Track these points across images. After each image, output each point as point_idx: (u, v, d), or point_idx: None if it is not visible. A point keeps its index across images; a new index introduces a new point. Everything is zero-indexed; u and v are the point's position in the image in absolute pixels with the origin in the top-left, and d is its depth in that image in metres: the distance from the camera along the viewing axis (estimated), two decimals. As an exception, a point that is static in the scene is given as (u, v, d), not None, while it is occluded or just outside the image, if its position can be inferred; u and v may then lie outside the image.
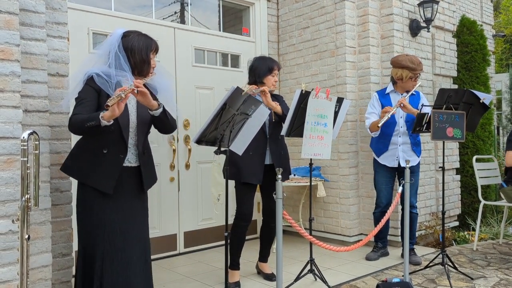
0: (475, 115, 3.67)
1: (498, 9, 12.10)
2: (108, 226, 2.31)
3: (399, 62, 3.76)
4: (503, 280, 3.41)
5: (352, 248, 2.67)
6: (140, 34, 2.43)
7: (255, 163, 3.25)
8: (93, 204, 2.32)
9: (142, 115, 2.42)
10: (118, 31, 2.41)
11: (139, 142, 2.42)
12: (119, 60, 2.33)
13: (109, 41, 2.38)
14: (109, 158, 2.31)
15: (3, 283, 2.09)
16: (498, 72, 9.09)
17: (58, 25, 2.51)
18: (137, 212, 2.43)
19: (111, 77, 2.30)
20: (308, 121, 3.13)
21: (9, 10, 2.13)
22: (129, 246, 2.36)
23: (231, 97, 2.48)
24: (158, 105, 2.38)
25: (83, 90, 2.31)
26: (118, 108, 2.13)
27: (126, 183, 2.39)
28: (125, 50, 2.35)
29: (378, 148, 3.94)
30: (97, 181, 2.30)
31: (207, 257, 4.18)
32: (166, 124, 2.50)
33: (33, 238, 2.27)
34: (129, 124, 2.36)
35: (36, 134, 2.01)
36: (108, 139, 2.30)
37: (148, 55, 2.41)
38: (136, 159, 2.42)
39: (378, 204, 3.98)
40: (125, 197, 2.39)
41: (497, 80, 7.83)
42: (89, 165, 2.31)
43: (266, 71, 3.30)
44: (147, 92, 2.26)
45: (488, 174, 4.57)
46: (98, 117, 2.13)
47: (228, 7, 4.92)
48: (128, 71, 2.35)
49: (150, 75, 2.42)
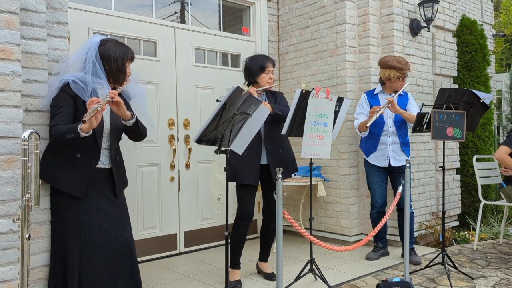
0: (476, 115, 3.67)
1: (498, 9, 12.09)
2: (86, 226, 2.31)
3: (386, 62, 3.81)
4: (503, 280, 3.41)
5: (352, 247, 2.67)
6: (117, 42, 2.47)
7: (250, 164, 3.25)
8: (68, 207, 2.32)
9: (116, 121, 2.47)
10: (95, 38, 2.45)
11: (112, 147, 2.46)
12: (95, 67, 2.37)
13: (85, 47, 2.42)
14: (81, 162, 2.34)
15: (3, 282, 2.09)
16: (498, 72, 9.09)
17: (59, 25, 2.51)
18: (115, 213, 2.44)
19: (87, 84, 2.34)
20: (308, 120, 3.14)
21: (10, 10, 2.13)
22: (110, 244, 2.36)
23: (231, 96, 2.48)
24: (131, 115, 2.43)
25: (59, 98, 2.32)
26: (95, 120, 2.18)
27: (101, 184, 2.41)
28: (102, 58, 2.39)
29: (367, 148, 3.96)
30: (67, 185, 2.30)
31: (208, 256, 4.18)
32: (136, 134, 2.57)
33: (33, 238, 2.27)
34: (103, 130, 2.40)
35: (36, 134, 2.01)
36: (81, 143, 2.30)
37: (124, 64, 2.45)
38: (109, 162, 2.46)
39: (373, 204, 3.98)
40: (102, 198, 2.40)
41: (497, 80, 7.83)
42: (61, 169, 2.32)
43: (258, 70, 3.30)
44: (121, 103, 2.32)
45: (488, 174, 4.57)
46: (76, 129, 2.16)
47: (228, 6, 4.91)
48: (103, 79, 2.40)
49: (125, 83, 2.46)
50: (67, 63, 2.43)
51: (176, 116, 4.25)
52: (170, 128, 4.20)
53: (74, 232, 2.30)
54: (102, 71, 2.39)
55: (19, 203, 1.94)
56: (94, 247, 2.32)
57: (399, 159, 3.85)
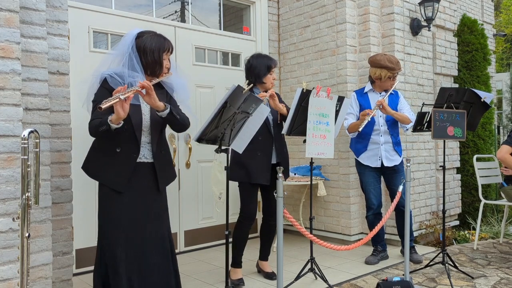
0: (476, 114, 3.67)
1: (499, 8, 12.09)
2: (126, 223, 2.34)
3: (377, 61, 3.71)
4: (504, 279, 3.40)
5: (352, 247, 2.67)
6: (154, 34, 2.44)
7: (264, 164, 3.25)
8: (110, 202, 2.36)
9: (156, 114, 2.43)
10: (133, 31, 2.43)
11: (153, 141, 2.44)
12: (132, 60, 2.36)
13: (123, 41, 2.41)
14: (122, 156, 2.36)
15: (3, 281, 2.09)
16: (499, 71, 9.09)
17: (59, 23, 2.51)
18: (154, 208, 2.45)
19: (124, 77, 2.33)
20: (310, 120, 3.13)
21: (10, 8, 2.13)
22: (146, 239, 2.38)
23: (231, 95, 2.47)
24: (165, 105, 2.38)
25: (98, 93, 2.35)
26: (123, 110, 2.15)
27: (143, 179, 2.42)
28: (138, 50, 2.38)
29: (357, 149, 3.89)
30: (109, 180, 2.35)
31: (208, 256, 4.18)
32: (175, 124, 2.51)
33: (33, 236, 2.27)
34: (141, 123, 2.39)
35: (36, 132, 2.01)
36: (121, 138, 2.33)
37: (161, 56, 2.42)
38: (151, 156, 2.44)
39: (369, 206, 3.89)
40: (143, 193, 2.41)
41: (497, 79, 7.82)
42: (103, 164, 2.37)
43: (266, 71, 3.27)
44: (152, 93, 2.27)
45: (489, 173, 4.57)
46: (107, 121, 2.19)
47: (228, 5, 4.91)
48: (140, 72, 2.37)
49: (164, 75, 2.45)
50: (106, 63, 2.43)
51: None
52: (170, 127, 4.19)
53: (115, 227, 2.34)
54: (139, 63, 2.37)
55: (19, 201, 1.94)
56: (133, 242, 2.34)
57: (391, 159, 3.79)
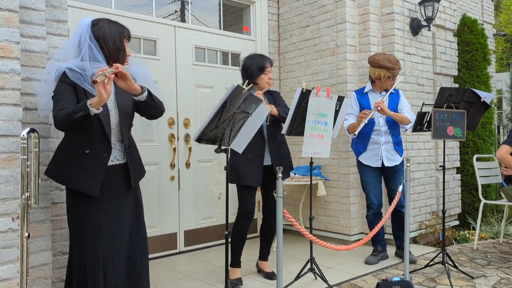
0: (476, 114, 3.66)
1: (499, 8, 12.09)
2: (104, 228, 2.20)
3: (376, 61, 3.70)
4: (504, 279, 3.40)
5: (352, 247, 2.67)
6: (110, 21, 2.27)
7: (254, 166, 3.24)
8: (85, 208, 2.19)
9: (124, 107, 2.28)
10: (85, 20, 2.23)
11: (124, 137, 2.28)
12: (92, 50, 2.16)
13: (77, 31, 2.20)
14: (92, 158, 2.17)
15: (3, 281, 2.09)
16: (499, 71, 9.09)
17: (58, 23, 2.51)
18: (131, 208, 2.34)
19: (85, 70, 2.15)
20: (309, 119, 3.13)
21: (9, 8, 2.13)
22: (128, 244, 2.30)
23: (231, 95, 2.47)
24: (142, 88, 2.21)
25: (59, 88, 2.15)
26: (105, 91, 1.97)
27: (116, 182, 2.26)
28: (97, 39, 2.18)
29: (357, 149, 3.89)
30: (81, 184, 2.15)
31: (208, 255, 4.18)
32: (154, 108, 2.33)
33: (33, 236, 2.27)
34: (110, 120, 2.21)
35: (36, 132, 2.01)
36: (90, 138, 2.16)
37: (122, 42, 2.25)
38: (123, 156, 2.30)
39: (370, 206, 3.89)
40: (117, 196, 2.27)
41: (497, 79, 7.82)
42: (72, 168, 2.17)
43: (258, 71, 3.26)
44: (128, 75, 2.11)
45: (489, 173, 4.56)
46: (86, 106, 1.97)
47: (228, 5, 4.91)
48: (102, 61, 2.19)
49: (126, 64, 2.27)
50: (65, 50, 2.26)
51: (176, 115, 4.24)
52: (170, 127, 4.20)
53: (93, 236, 2.17)
54: (100, 52, 2.18)
55: (19, 201, 1.94)
56: (114, 249, 2.21)
57: (392, 159, 3.78)
